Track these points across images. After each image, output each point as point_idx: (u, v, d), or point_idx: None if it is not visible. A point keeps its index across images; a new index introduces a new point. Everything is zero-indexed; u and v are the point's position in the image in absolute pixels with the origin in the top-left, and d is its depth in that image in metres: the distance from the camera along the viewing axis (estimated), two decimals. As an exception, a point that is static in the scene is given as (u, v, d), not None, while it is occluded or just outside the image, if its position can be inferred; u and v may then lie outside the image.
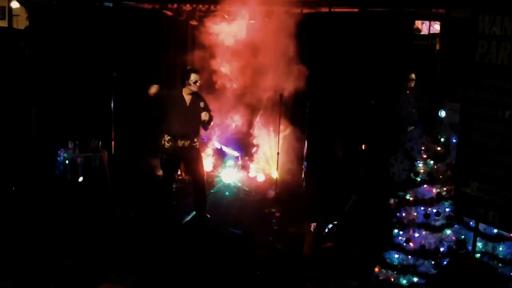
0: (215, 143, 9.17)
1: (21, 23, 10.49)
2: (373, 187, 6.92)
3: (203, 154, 7.57)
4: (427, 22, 9.07)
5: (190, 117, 6.64)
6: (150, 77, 8.88)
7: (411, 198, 5.35)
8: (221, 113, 8.80)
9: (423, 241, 5.21)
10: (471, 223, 5.23)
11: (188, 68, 7.10)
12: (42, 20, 9.01)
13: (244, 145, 9.19)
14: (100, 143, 8.20)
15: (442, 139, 5.52)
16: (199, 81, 6.66)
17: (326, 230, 6.46)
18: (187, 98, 6.66)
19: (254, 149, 9.09)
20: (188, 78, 6.60)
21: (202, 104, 6.66)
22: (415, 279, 5.19)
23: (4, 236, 6.12)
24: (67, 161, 7.87)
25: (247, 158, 9.08)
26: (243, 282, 5.53)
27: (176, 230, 6.57)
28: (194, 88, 6.62)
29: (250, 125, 9.07)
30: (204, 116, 6.60)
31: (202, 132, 7.39)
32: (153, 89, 6.61)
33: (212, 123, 6.98)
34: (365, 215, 6.52)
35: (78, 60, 8.73)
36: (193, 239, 6.39)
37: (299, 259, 6.00)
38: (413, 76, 7.68)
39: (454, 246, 5.28)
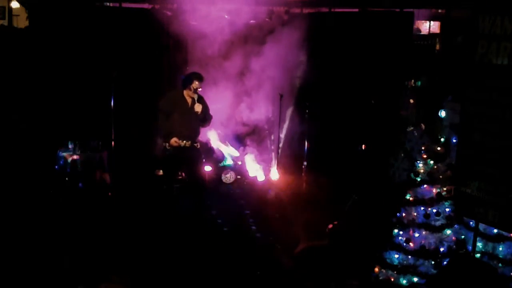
0: (214, 144, 9.17)
1: (21, 23, 10.49)
2: (373, 187, 6.92)
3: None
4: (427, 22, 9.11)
5: (191, 118, 6.61)
6: (150, 77, 8.95)
7: (411, 198, 5.35)
8: (221, 112, 8.81)
9: (423, 241, 5.21)
10: (471, 223, 5.22)
11: (192, 72, 6.80)
12: (42, 20, 9.00)
13: (243, 144, 9.21)
14: (100, 143, 8.20)
15: (442, 139, 5.52)
16: (200, 89, 6.60)
17: (327, 229, 6.46)
18: (189, 99, 6.62)
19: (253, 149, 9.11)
20: (191, 83, 6.52)
21: (196, 97, 6.55)
22: (415, 279, 5.20)
23: (4, 237, 6.12)
24: (67, 161, 7.87)
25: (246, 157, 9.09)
26: (243, 282, 5.53)
27: (175, 230, 6.56)
28: (194, 95, 6.57)
29: (250, 123, 9.09)
30: (196, 107, 6.54)
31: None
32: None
33: (209, 122, 6.95)
34: (365, 215, 6.52)
35: (78, 59, 8.72)
36: (192, 239, 6.38)
37: (298, 260, 6.00)
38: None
39: (454, 246, 5.28)
